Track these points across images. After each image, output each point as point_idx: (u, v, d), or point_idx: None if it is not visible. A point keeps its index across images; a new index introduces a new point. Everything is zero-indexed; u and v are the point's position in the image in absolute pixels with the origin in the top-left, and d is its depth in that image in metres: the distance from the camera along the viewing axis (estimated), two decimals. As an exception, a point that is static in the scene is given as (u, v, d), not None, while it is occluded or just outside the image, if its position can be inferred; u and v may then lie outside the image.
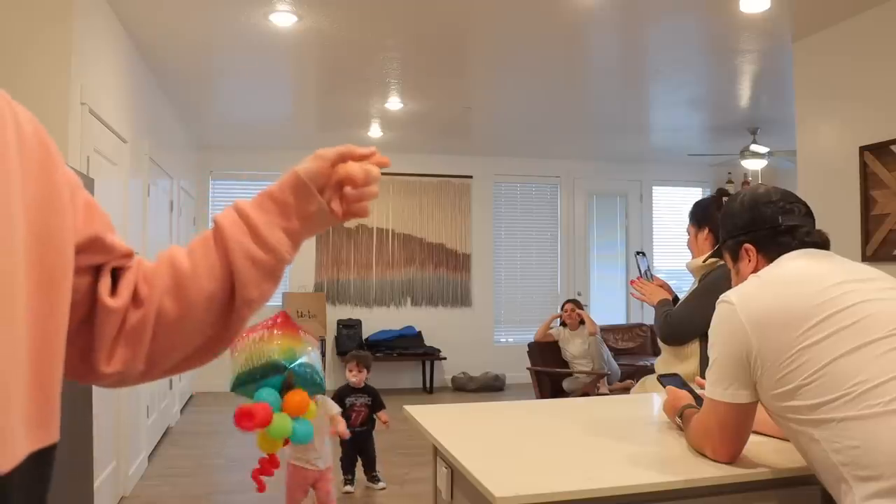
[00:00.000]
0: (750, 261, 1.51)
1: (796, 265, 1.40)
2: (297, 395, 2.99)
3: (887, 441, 1.16)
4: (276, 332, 3.08)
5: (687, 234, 2.69)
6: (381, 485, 4.36)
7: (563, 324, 5.99)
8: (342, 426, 3.54)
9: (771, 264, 1.45)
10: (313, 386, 3.07)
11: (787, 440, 1.58)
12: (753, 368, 1.33)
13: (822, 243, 1.47)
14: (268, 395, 2.95)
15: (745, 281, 1.46)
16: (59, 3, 3.14)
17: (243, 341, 3.08)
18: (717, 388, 1.39)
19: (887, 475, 1.15)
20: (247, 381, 3.01)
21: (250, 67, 4.99)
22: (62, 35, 3.14)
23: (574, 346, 5.83)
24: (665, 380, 2.12)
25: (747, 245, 1.52)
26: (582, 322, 5.92)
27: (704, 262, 2.18)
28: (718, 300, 1.43)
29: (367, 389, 4.32)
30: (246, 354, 3.02)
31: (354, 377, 4.27)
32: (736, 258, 1.56)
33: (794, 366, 1.27)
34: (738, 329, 1.34)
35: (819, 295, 1.30)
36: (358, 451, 4.34)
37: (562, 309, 6.06)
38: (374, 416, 4.31)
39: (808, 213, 1.52)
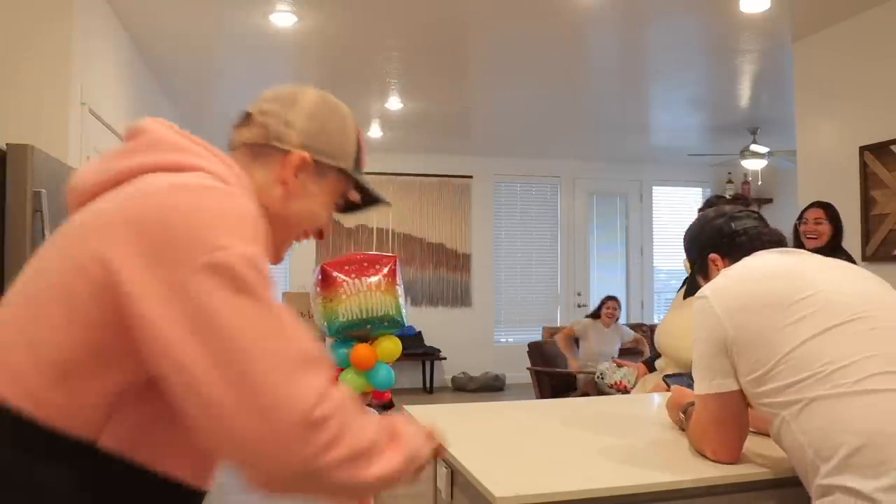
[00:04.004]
0: (718, 268, 1.58)
1: (762, 259, 1.46)
2: (364, 349, 2.93)
3: (850, 420, 1.19)
4: (390, 281, 2.94)
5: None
6: None
7: (593, 316, 5.81)
8: None
9: (739, 262, 1.50)
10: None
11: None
12: (731, 355, 1.37)
13: (778, 241, 1.56)
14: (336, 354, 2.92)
15: None
16: (58, 4, 3.14)
17: (355, 286, 2.91)
18: (703, 383, 1.42)
19: (844, 451, 1.18)
20: (354, 327, 2.90)
21: (250, 67, 4.99)
22: (62, 35, 3.15)
23: (599, 343, 5.60)
24: (671, 379, 2.13)
25: (712, 255, 1.60)
26: (617, 321, 5.77)
27: (684, 298, 2.13)
28: (695, 297, 1.49)
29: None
30: (360, 302, 2.87)
31: None
32: (706, 274, 1.63)
33: (765, 349, 1.31)
34: (714, 320, 1.39)
35: (786, 283, 1.36)
36: None
37: (602, 305, 5.83)
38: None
39: (759, 217, 1.64)
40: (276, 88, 1.09)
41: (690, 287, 1.76)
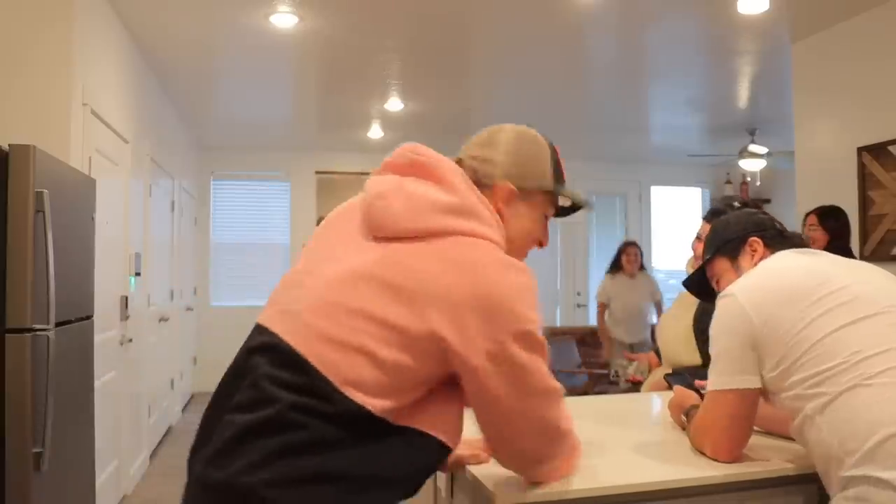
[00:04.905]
0: (755, 253, 1.59)
1: (787, 257, 1.48)
2: None
3: (876, 410, 1.20)
4: None
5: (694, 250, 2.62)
6: None
7: (612, 270, 5.26)
8: None
9: (766, 259, 1.52)
10: None
11: (789, 438, 1.60)
12: (759, 351, 1.37)
13: (802, 244, 1.60)
14: None
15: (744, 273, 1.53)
16: (60, 4, 3.15)
17: None
18: (724, 378, 1.41)
19: (871, 443, 1.19)
20: None
21: (251, 68, 5.00)
22: (63, 36, 3.15)
23: (627, 298, 5.03)
24: (672, 379, 2.13)
25: (754, 238, 1.60)
26: (642, 268, 5.17)
27: (691, 285, 2.13)
28: (719, 297, 1.48)
29: None
30: None
31: None
32: (736, 255, 1.63)
33: (794, 341, 1.32)
34: (742, 316, 1.39)
35: (813, 278, 1.38)
36: None
37: (620, 253, 5.27)
38: None
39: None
40: (478, 133, 1.33)
41: (695, 286, 1.76)
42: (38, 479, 2.31)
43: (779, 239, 1.59)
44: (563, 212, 1.43)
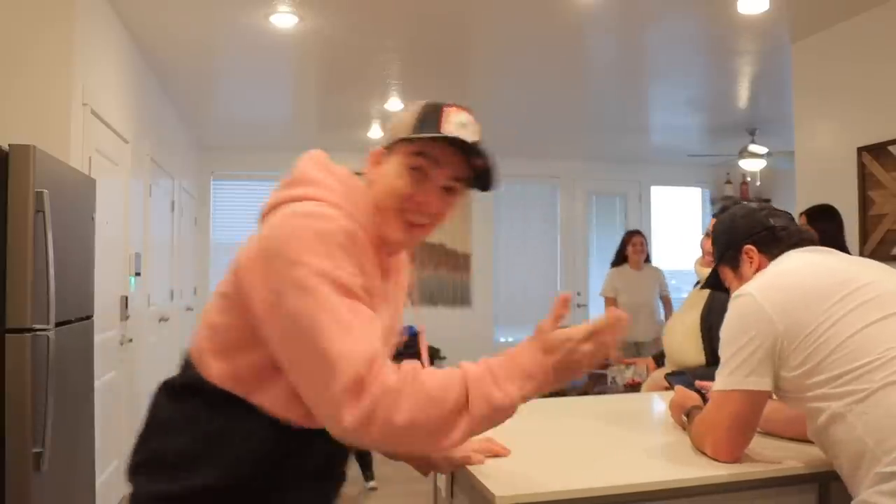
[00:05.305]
0: (752, 261, 1.55)
1: (801, 257, 1.45)
2: None
3: None
4: None
5: (701, 246, 2.61)
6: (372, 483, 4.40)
7: (617, 262, 4.82)
8: None
9: (775, 260, 1.49)
10: None
11: (789, 439, 1.59)
12: (780, 352, 1.34)
13: (814, 240, 1.54)
14: None
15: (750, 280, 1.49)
16: (60, 4, 3.15)
17: None
18: (736, 377, 1.38)
19: None
20: None
21: (251, 68, 5.00)
22: (64, 36, 3.15)
23: (632, 292, 4.63)
24: (673, 379, 2.13)
25: (748, 247, 1.56)
26: (647, 260, 4.77)
27: (702, 288, 2.13)
28: (734, 296, 1.45)
29: None
30: None
31: None
32: (737, 264, 1.60)
33: (819, 341, 1.29)
34: (763, 317, 1.36)
35: (833, 276, 1.35)
36: (358, 451, 4.36)
37: (625, 244, 4.83)
38: None
39: (791, 219, 1.61)
40: None
41: (712, 279, 1.74)
42: (38, 479, 2.31)
43: (772, 241, 1.54)
44: (473, 181, 1.25)
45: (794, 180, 4.58)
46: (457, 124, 1.21)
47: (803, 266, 1.41)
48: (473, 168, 1.22)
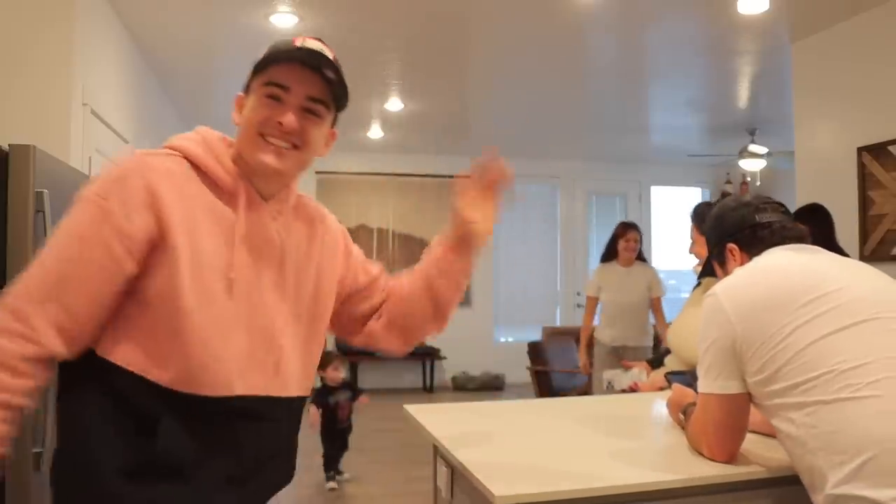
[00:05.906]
0: (735, 260, 1.55)
1: (777, 256, 1.43)
2: None
3: (864, 426, 1.14)
4: None
5: (690, 238, 2.62)
6: (347, 475, 4.44)
7: (606, 257, 4.40)
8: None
9: (754, 259, 1.48)
10: None
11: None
12: (740, 355, 1.33)
13: (800, 236, 1.50)
14: None
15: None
16: (60, 5, 3.15)
17: None
18: (706, 381, 1.39)
19: (859, 460, 1.13)
20: None
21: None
22: (64, 36, 3.16)
23: (619, 291, 4.22)
24: (674, 377, 2.13)
25: (730, 245, 1.56)
26: (640, 259, 4.35)
27: (699, 276, 2.12)
28: (705, 296, 1.45)
29: (345, 385, 4.41)
30: None
31: (341, 374, 4.38)
32: (723, 262, 1.60)
33: (778, 348, 1.27)
34: (723, 319, 1.35)
35: (800, 282, 1.31)
36: (342, 445, 4.37)
37: (616, 238, 4.34)
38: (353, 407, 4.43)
39: (785, 211, 1.57)
40: None
41: (706, 268, 1.74)
42: (38, 479, 2.31)
43: (753, 240, 1.51)
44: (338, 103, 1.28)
45: (794, 180, 4.58)
46: (300, 46, 1.23)
47: (776, 266, 1.38)
48: (328, 83, 1.22)
